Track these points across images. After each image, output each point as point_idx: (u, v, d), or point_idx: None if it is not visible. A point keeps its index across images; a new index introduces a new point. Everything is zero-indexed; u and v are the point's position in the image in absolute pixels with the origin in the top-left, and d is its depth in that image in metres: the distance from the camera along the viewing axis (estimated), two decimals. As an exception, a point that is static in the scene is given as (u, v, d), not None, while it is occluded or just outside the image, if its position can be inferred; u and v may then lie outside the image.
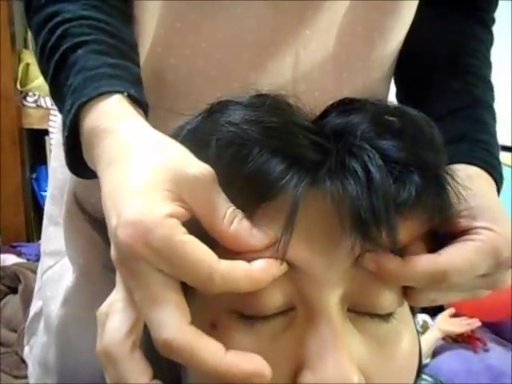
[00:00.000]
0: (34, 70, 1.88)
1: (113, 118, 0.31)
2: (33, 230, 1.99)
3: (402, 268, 0.29)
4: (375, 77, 0.45)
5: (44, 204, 1.93)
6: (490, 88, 0.46)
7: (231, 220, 0.27)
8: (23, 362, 1.16)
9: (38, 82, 1.86)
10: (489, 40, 0.49)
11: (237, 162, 0.28)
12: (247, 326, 0.29)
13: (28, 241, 1.91)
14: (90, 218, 0.41)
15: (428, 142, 0.31)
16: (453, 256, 0.30)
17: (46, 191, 2.05)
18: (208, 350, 0.25)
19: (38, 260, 1.67)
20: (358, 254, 0.29)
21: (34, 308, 0.54)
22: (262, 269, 0.27)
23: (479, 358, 1.40)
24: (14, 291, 1.40)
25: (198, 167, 0.27)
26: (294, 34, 0.40)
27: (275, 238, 0.28)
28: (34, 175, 2.02)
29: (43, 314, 0.51)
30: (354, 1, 0.41)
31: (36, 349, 0.53)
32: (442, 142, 0.32)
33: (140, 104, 0.33)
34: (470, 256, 0.30)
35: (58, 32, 0.35)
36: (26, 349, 0.56)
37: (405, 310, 0.32)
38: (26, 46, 1.94)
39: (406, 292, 0.31)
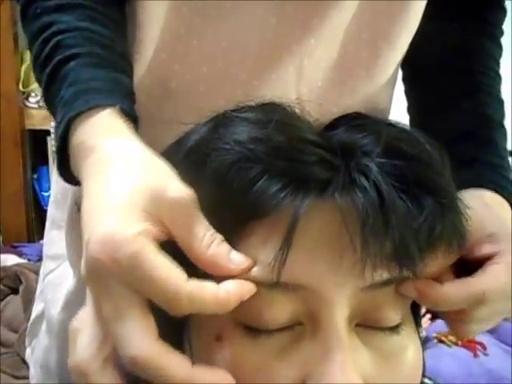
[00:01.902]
0: (37, 70, 1.88)
1: (100, 133, 0.31)
2: (34, 230, 1.99)
3: (443, 293, 0.30)
4: (379, 83, 0.45)
5: (45, 204, 1.92)
6: (501, 105, 0.47)
7: (209, 243, 0.27)
8: (24, 362, 1.16)
9: (40, 82, 1.87)
10: (499, 54, 0.49)
11: (240, 182, 0.28)
12: (253, 339, 0.29)
13: (29, 241, 1.91)
14: None
15: (439, 169, 0.31)
16: (487, 277, 0.32)
17: (47, 192, 2.06)
18: (173, 365, 0.24)
19: (39, 260, 1.68)
20: (368, 273, 0.28)
21: (35, 310, 0.54)
22: (229, 291, 0.26)
23: (479, 362, 1.40)
24: (15, 292, 1.40)
25: (178, 191, 0.27)
26: (298, 43, 0.40)
27: (253, 263, 0.28)
28: (36, 175, 2.02)
29: (45, 317, 0.51)
30: (360, 8, 0.41)
31: (38, 351, 0.53)
32: (450, 172, 0.32)
33: (131, 117, 0.33)
34: (501, 276, 0.32)
35: (52, 43, 0.35)
36: (28, 350, 0.56)
37: (410, 322, 0.32)
38: (28, 47, 1.94)
39: (454, 328, 0.33)
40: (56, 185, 0.49)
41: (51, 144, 1.91)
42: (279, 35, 0.39)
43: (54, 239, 0.49)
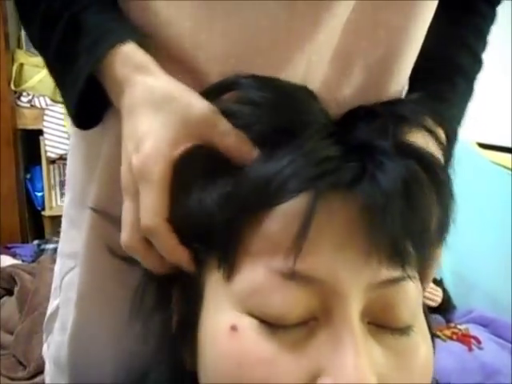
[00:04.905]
0: (28, 69, 1.87)
1: (132, 67, 0.36)
2: (27, 230, 1.98)
3: None
4: (380, 73, 0.43)
5: (38, 205, 1.89)
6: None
7: (230, 132, 0.33)
8: (20, 364, 1.15)
9: (32, 82, 1.86)
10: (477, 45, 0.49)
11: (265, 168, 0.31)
12: (268, 331, 0.29)
13: (23, 242, 1.90)
14: (114, 220, 0.41)
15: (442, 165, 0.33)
16: None
17: (40, 192, 2.04)
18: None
19: (33, 261, 1.67)
20: (381, 269, 0.29)
21: (50, 307, 0.55)
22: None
23: (473, 356, 1.41)
24: (10, 293, 1.39)
25: (200, 109, 0.34)
26: (309, 41, 0.38)
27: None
28: (28, 175, 2.01)
29: (60, 315, 0.51)
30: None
31: (52, 347, 0.53)
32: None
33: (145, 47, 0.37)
34: None
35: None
36: (45, 346, 0.56)
37: (422, 322, 0.33)
38: (19, 46, 1.93)
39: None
40: (72, 184, 0.49)
41: (44, 143, 1.91)
42: (290, 33, 0.38)
43: (74, 238, 0.49)
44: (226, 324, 0.30)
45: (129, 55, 0.36)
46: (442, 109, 0.43)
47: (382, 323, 0.31)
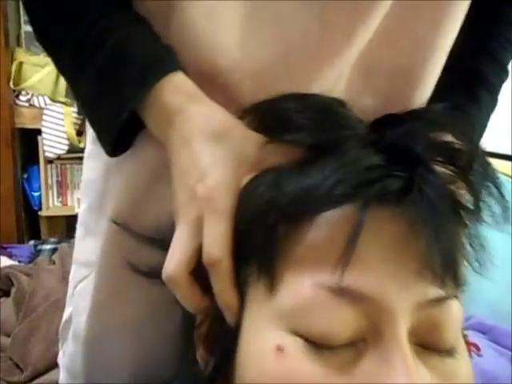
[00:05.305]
0: (28, 68, 1.85)
1: (185, 97, 0.35)
2: (24, 231, 1.96)
3: None
4: (402, 82, 0.43)
5: (35, 205, 1.88)
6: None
7: None
8: (17, 367, 1.14)
9: (32, 81, 1.84)
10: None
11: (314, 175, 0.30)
12: (313, 352, 0.28)
13: (19, 242, 1.88)
14: (134, 233, 0.41)
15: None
16: None
17: (37, 192, 2.03)
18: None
19: (30, 262, 1.66)
20: (430, 287, 0.29)
21: (65, 314, 0.54)
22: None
23: (473, 363, 1.41)
24: (7, 294, 1.37)
25: (254, 149, 0.33)
26: (341, 53, 0.37)
27: None
28: (26, 175, 1.99)
29: (72, 323, 0.51)
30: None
31: (66, 355, 0.52)
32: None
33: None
34: None
35: (97, 29, 0.37)
36: (60, 353, 0.55)
37: (462, 344, 0.32)
38: (19, 44, 1.91)
39: None
40: (90, 192, 0.48)
41: (42, 143, 1.89)
42: (322, 45, 0.37)
43: (89, 246, 0.48)
44: (271, 344, 0.29)
45: (180, 84, 0.36)
46: (464, 123, 0.41)
47: (428, 344, 0.30)
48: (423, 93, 0.43)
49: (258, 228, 0.30)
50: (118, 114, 0.36)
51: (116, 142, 0.39)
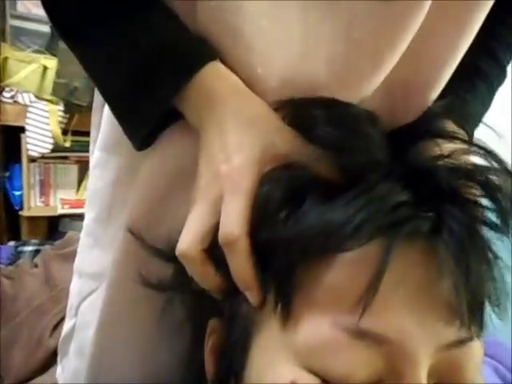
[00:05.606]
0: (13, 64, 1.80)
1: (226, 84, 0.35)
2: (2, 231, 1.90)
3: None
4: (419, 100, 0.42)
5: (16, 204, 1.82)
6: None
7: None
8: (-1, 375, 1.09)
9: (18, 77, 1.79)
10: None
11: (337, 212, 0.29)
12: None
13: (-1, 243, 1.83)
14: (147, 246, 0.40)
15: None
16: None
17: (19, 191, 1.96)
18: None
19: (10, 264, 1.60)
20: (451, 329, 0.28)
21: (65, 328, 0.51)
22: None
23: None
24: (-13, 298, 1.32)
25: (283, 141, 0.33)
26: (368, 79, 0.36)
27: None
28: (7, 174, 1.94)
29: (76, 338, 0.48)
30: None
31: (67, 371, 0.50)
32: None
33: None
34: None
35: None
36: (59, 368, 0.53)
37: (481, 376, 0.31)
38: (4, 40, 1.86)
39: None
40: (99, 202, 0.46)
41: (25, 141, 1.84)
42: (348, 66, 0.35)
43: (98, 258, 0.46)
44: (285, 378, 0.28)
45: (221, 72, 0.36)
46: (462, 111, 0.43)
47: (447, 382, 0.29)
48: (437, 92, 0.42)
49: (278, 257, 0.30)
50: (158, 104, 0.36)
51: (148, 136, 0.38)
